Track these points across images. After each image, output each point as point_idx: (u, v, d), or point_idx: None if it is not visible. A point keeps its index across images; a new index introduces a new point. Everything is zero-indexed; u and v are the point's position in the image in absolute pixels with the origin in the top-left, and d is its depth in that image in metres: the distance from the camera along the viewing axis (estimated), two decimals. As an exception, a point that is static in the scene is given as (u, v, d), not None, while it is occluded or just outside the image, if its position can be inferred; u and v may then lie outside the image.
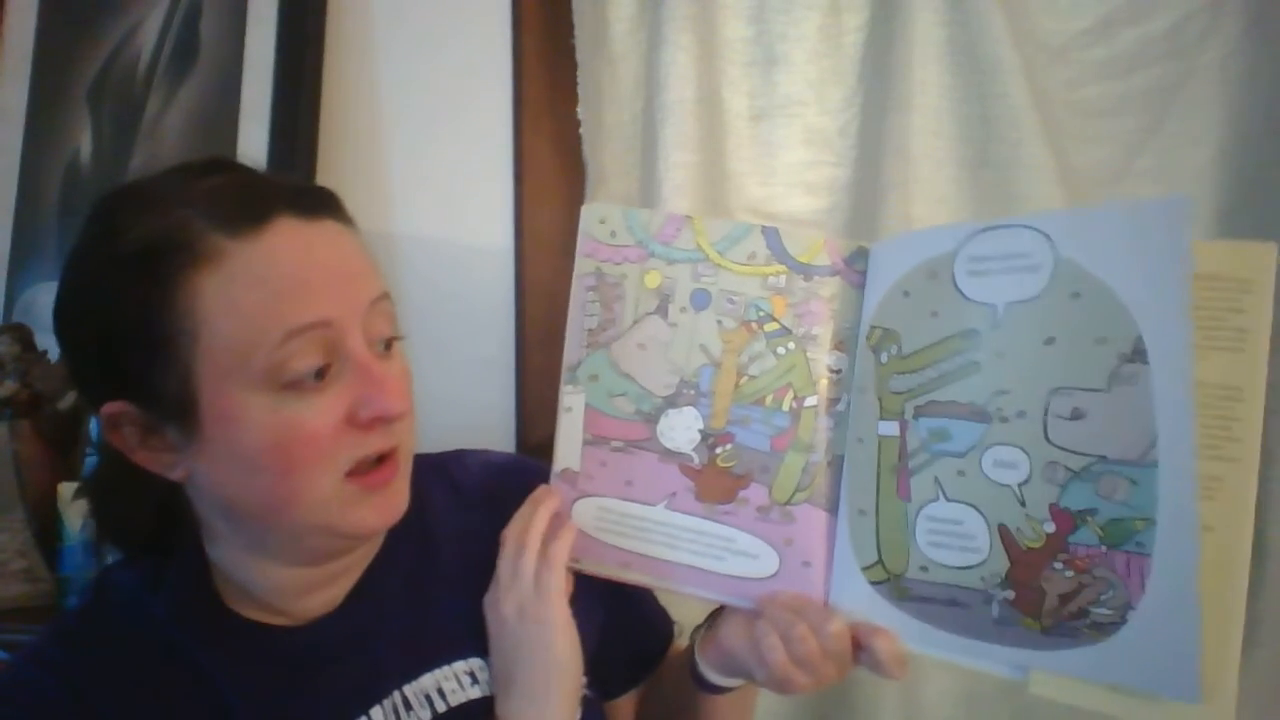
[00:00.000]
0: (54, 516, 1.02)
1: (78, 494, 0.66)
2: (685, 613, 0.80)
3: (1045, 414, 0.55)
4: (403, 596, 0.66)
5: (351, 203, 0.64)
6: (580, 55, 1.16)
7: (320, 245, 0.56)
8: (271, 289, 0.53)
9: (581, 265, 0.68)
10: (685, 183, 1.07)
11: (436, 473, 0.73)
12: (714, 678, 0.69)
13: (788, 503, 0.64)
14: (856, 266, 0.65)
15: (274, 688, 0.60)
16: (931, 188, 1.04)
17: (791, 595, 0.63)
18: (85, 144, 1.30)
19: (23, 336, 1.09)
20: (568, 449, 0.68)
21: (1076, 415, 0.54)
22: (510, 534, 0.66)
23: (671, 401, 0.66)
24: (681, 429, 0.66)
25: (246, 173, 0.60)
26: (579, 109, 1.16)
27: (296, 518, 0.57)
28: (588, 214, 0.69)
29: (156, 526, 0.62)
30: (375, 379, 0.55)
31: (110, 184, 0.61)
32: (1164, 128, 1.01)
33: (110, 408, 0.56)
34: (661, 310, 0.66)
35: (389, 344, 0.59)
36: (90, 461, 1.15)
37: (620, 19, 1.14)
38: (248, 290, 0.53)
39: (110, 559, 0.66)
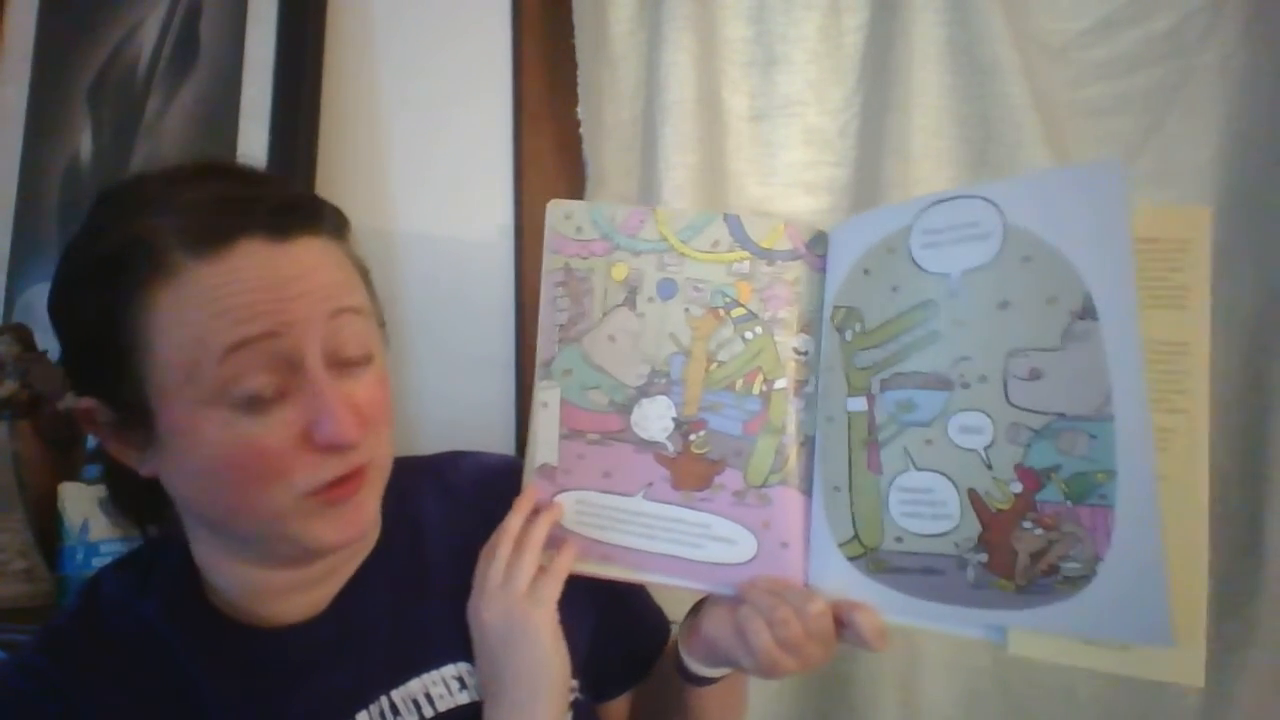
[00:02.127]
0: (54, 516, 1.02)
1: (91, 457, 0.65)
2: (683, 612, 0.80)
3: (1005, 376, 0.57)
4: (392, 600, 0.66)
5: (351, 203, 0.64)
6: (580, 56, 1.16)
7: (282, 267, 0.54)
8: (217, 308, 0.52)
9: (550, 261, 0.69)
10: (685, 183, 1.07)
11: (428, 476, 0.73)
12: (699, 669, 0.69)
13: (762, 485, 0.65)
14: (817, 250, 0.66)
15: (257, 692, 0.60)
16: (931, 188, 1.04)
17: (771, 579, 0.63)
18: (85, 144, 1.29)
19: (23, 336, 1.09)
20: (544, 444, 0.69)
21: (1034, 375, 0.56)
22: (502, 539, 0.65)
23: (644, 391, 0.67)
24: (654, 418, 0.66)
25: (232, 184, 0.58)
26: (579, 109, 1.16)
27: (255, 527, 0.57)
28: (553, 211, 0.70)
29: (155, 504, 0.63)
30: (327, 404, 0.54)
31: (114, 177, 0.60)
32: (1164, 128, 1.01)
33: (84, 402, 0.57)
34: (630, 302, 0.67)
35: (358, 358, 0.58)
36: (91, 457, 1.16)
37: (620, 19, 1.14)
38: (195, 309, 0.52)
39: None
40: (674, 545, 0.66)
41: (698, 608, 0.70)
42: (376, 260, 0.75)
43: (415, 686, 0.63)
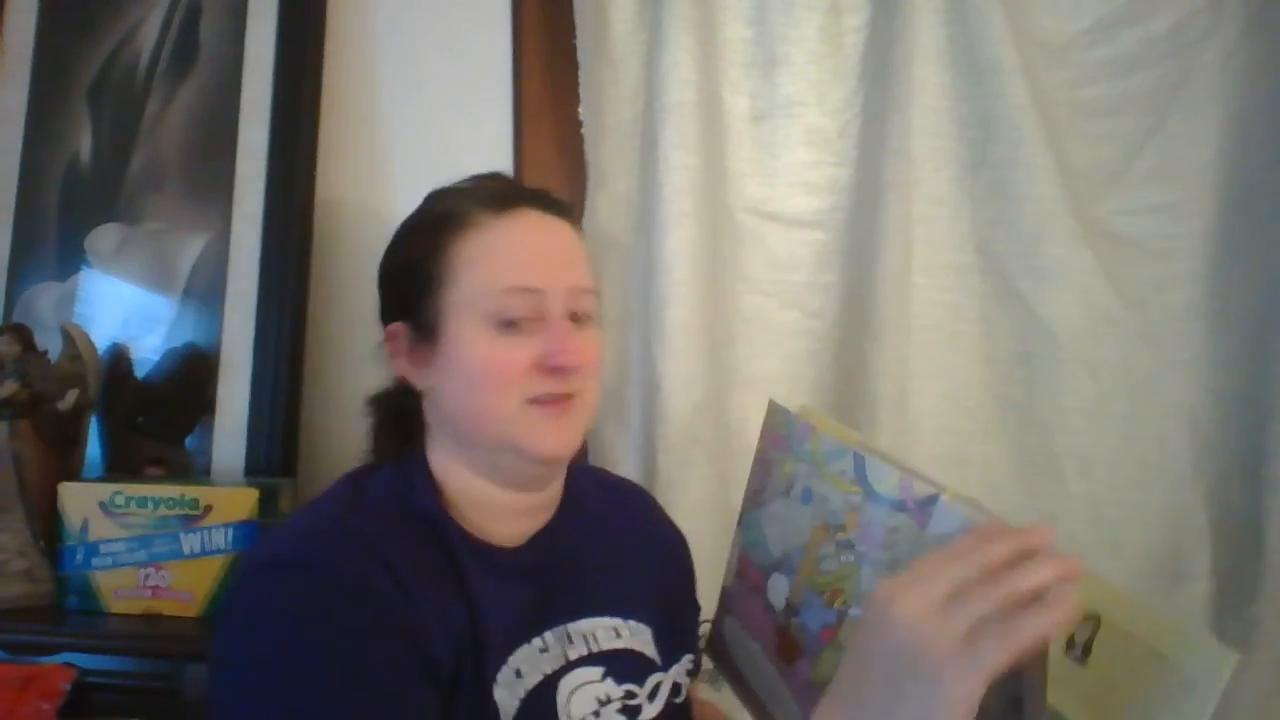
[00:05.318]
0: (54, 516, 1.02)
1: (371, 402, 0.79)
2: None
3: None
4: (572, 552, 0.78)
5: (351, 202, 0.65)
6: (581, 56, 1.16)
7: (551, 235, 0.74)
8: (507, 255, 0.72)
9: (759, 445, 0.82)
10: (686, 183, 1.07)
11: (583, 470, 0.88)
12: None
13: (823, 686, 0.67)
14: (926, 509, 0.63)
15: (494, 593, 0.70)
16: (931, 188, 1.05)
17: None
18: (85, 144, 1.29)
19: (23, 336, 1.09)
20: (729, 572, 0.83)
21: None
22: (976, 554, 0.50)
23: (777, 565, 0.77)
24: (777, 591, 0.76)
25: (517, 181, 0.78)
26: (579, 110, 1.16)
27: (489, 431, 0.71)
28: (769, 410, 0.81)
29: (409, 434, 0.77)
30: (560, 337, 0.71)
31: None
32: (1164, 128, 1.01)
33: (394, 326, 0.75)
34: (785, 493, 0.78)
35: (585, 320, 0.74)
36: (92, 460, 1.15)
37: (621, 20, 1.14)
38: (491, 252, 0.71)
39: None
40: (766, 696, 0.75)
41: None
42: (376, 260, 0.77)
43: (586, 625, 0.75)
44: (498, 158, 1.20)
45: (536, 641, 0.72)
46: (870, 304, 1.05)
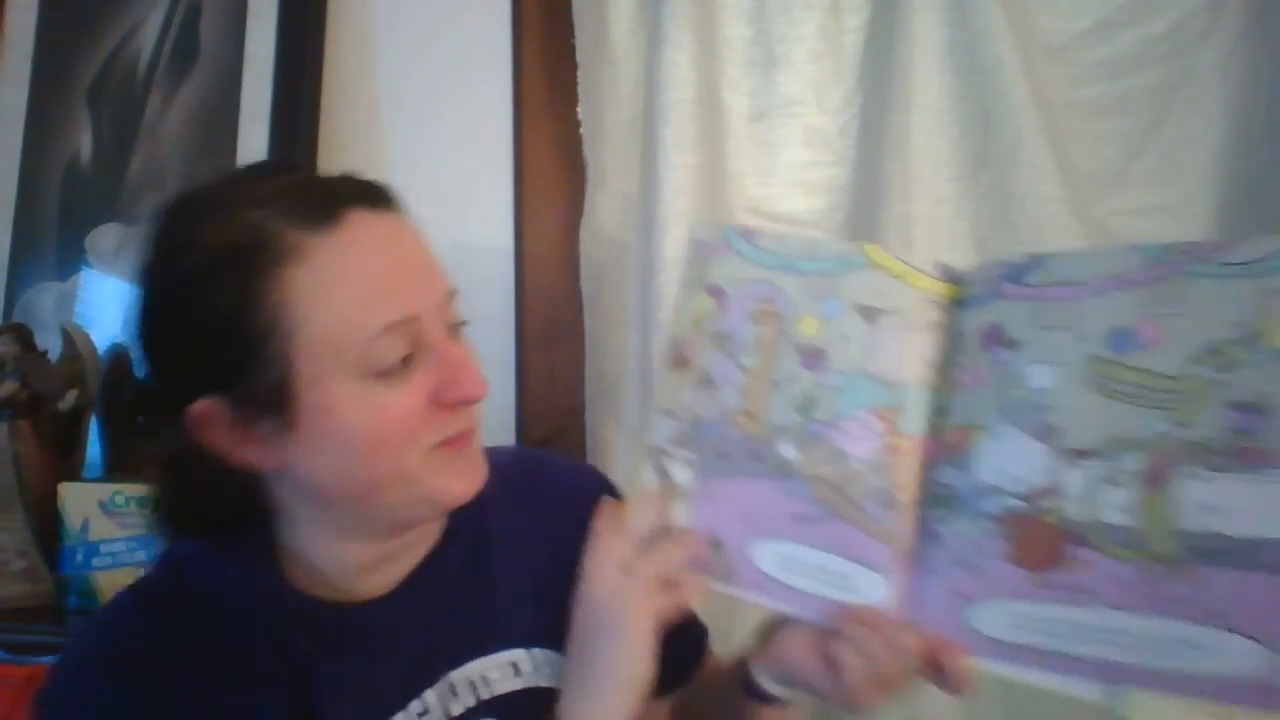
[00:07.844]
0: (54, 516, 1.02)
1: (147, 472, 0.63)
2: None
3: None
4: (457, 582, 0.66)
5: None
6: (580, 55, 1.16)
7: (395, 238, 0.59)
8: (363, 284, 0.56)
9: None
10: (685, 183, 1.07)
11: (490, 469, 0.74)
12: (773, 689, 0.67)
13: None
14: None
15: (342, 663, 0.61)
16: (931, 188, 1.04)
17: (867, 610, 0.61)
18: (85, 144, 1.30)
19: (23, 336, 1.09)
20: None
21: None
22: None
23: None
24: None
25: (309, 172, 0.63)
26: (579, 109, 1.16)
27: (388, 495, 0.58)
28: None
29: (227, 511, 0.62)
30: (458, 364, 0.58)
31: (175, 192, 0.59)
32: (1164, 128, 1.01)
33: (198, 407, 0.56)
34: None
35: (460, 327, 0.62)
36: (92, 460, 1.15)
37: (620, 19, 1.14)
38: (339, 285, 0.55)
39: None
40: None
41: (767, 629, 0.68)
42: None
43: (473, 669, 0.65)
44: (498, 157, 1.20)
45: (414, 705, 0.62)
46: (870, 304, 1.05)
